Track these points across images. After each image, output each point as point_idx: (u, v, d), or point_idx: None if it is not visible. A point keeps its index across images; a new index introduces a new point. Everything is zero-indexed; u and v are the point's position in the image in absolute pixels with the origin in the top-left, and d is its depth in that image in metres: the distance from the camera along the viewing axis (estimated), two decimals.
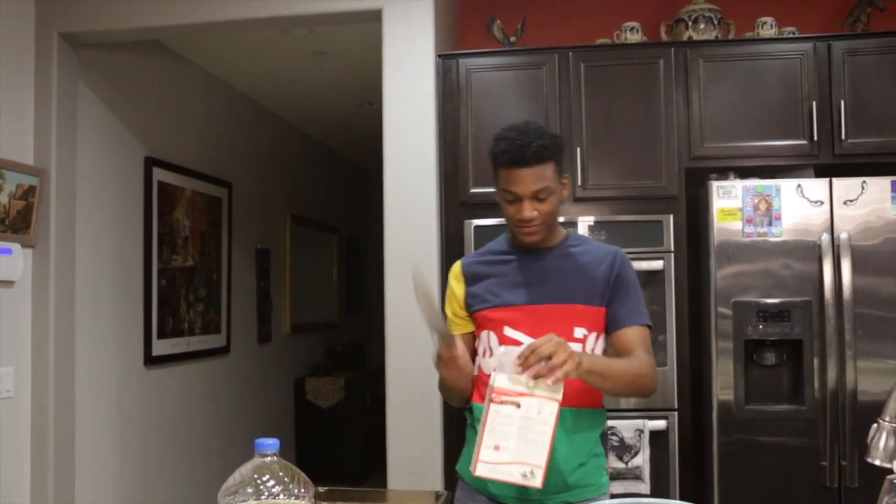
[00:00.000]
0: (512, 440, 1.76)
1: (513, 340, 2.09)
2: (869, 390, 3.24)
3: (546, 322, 2.08)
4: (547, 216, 2.09)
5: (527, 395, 1.78)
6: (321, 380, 6.94)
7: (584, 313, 2.11)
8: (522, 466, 1.76)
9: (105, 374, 4.18)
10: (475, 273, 2.22)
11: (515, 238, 2.18)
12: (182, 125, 4.99)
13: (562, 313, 2.10)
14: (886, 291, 3.27)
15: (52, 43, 3.76)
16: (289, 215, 6.75)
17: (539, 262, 2.16)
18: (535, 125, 2.08)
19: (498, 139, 2.08)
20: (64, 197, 3.83)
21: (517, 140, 2.02)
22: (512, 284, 2.15)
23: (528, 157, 2.01)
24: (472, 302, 2.20)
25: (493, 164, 2.11)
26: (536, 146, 2.01)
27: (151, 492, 4.57)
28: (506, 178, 2.06)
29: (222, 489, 1.38)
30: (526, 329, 2.09)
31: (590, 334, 2.11)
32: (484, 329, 2.17)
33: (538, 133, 2.04)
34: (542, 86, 3.62)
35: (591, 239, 2.29)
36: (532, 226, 2.08)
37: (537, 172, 2.03)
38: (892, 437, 1.49)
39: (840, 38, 3.53)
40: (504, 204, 2.11)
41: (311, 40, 4.68)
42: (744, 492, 3.29)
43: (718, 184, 3.39)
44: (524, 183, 2.03)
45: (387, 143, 3.60)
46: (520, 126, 2.07)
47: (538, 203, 2.06)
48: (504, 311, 2.13)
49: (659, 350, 3.50)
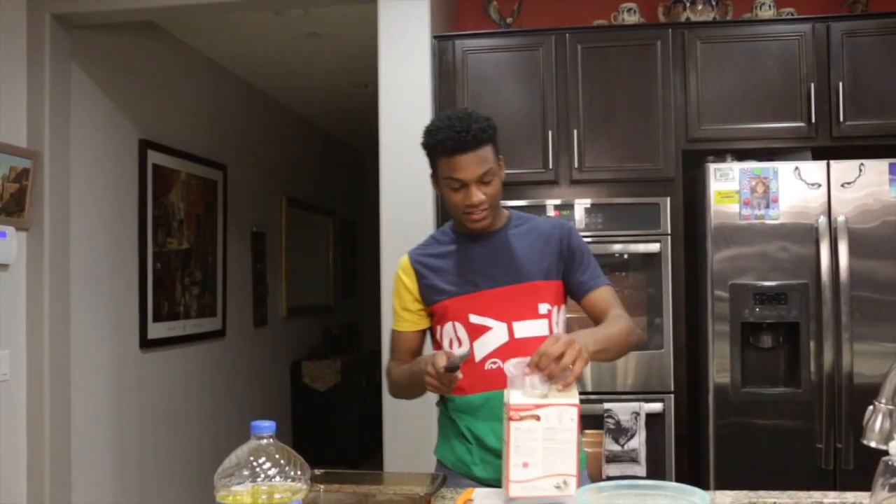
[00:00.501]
0: (539, 454, 1.73)
1: (481, 327, 2.11)
2: (865, 373, 3.25)
3: (510, 304, 2.11)
4: (493, 199, 2.09)
5: (544, 405, 1.74)
6: (317, 363, 6.94)
7: (545, 288, 2.14)
8: (554, 478, 1.74)
9: (101, 357, 4.18)
10: (426, 265, 2.20)
11: (462, 226, 2.17)
12: (177, 107, 4.96)
13: (524, 292, 2.12)
14: (883, 274, 3.27)
15: (45, 24, 3.74)
16: (284, 198, 6.73)
17: (489, 246, 2.16)
18: (464, 111, 2.07)
19: (433, 130, 2.06)
20: (58, 180, 3.81)
21: (455, 126, 2.01)
22: (467, 272, 2.15)
23: (470, 142, 2.01)
24: (428, 294, 2.19)
25: (432, 155, 2.10)
26: (476, 129, 2.01)
27: (148, 474, 4.57)
28: (449, 166, 2.04)
29: (218, 471, 1.37)
30: (492, 314, 2.11)
31: (553, 308, 2.14)
32: (447, 320, 2.16)
33: (472, 117, 2.04)
34: (539, 67, 3.60)
35: (533, 215, 2.29)
36: (481, 210, 2.07)
37: (480, 156, 2.03)
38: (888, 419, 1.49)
39: (839, 19, 3.51)
40: (449, 193, 2.09)
41: (305, 22, 4.65)
42: (739, 474, 3.29)
43: (716, 166, 3.38)
44: (469, 168, 2.03)
45: (382, 125, 3.58)
46: (451, 113, 2.06)
47: (484, 186, 2.06)
48: (465, 300, 2.13)
49: (655, 333, 3.50)
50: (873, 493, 1.35)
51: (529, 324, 2.10)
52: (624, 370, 3.51)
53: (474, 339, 2.11)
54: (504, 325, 2.10)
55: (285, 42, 5.06)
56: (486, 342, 2.10)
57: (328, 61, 5.48)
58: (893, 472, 1.33)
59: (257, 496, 1.33)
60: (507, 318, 2.10)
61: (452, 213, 2.17)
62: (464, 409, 2.15)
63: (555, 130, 3.57)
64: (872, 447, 1.49)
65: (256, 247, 6.12)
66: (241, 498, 1.34)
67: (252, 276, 6.04)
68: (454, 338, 2.15)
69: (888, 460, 1.35)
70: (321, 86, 6.17)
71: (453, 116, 2.04)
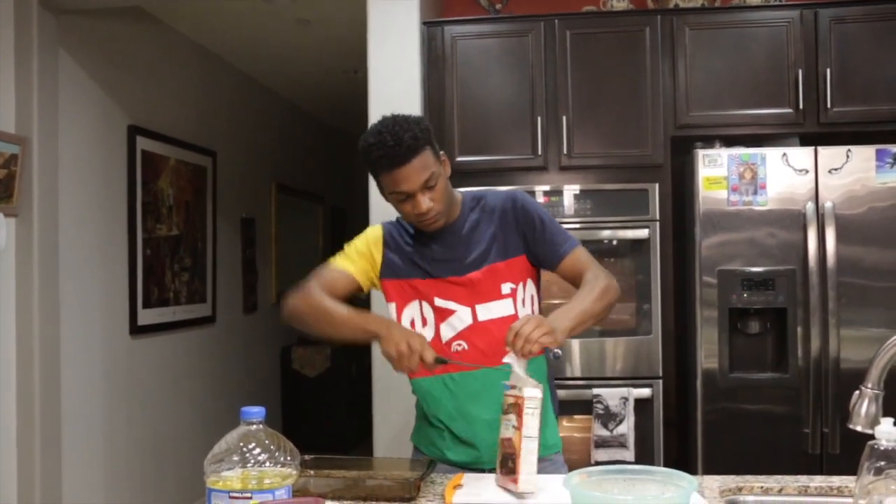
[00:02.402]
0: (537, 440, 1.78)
1: (446, 310, 2.10)
2: (852, 358, 3.27)
3: (472, 289, 2.10)
4: (441, 200, 2.05)
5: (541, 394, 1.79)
6: (307, 349, 6.94)
7: (505, 268, 2.11)
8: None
9: (91, 343, 4.17)
10: (397, 244, 2.19)
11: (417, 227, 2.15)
12: (166, 93, 4.94)
13: (484, 277, 2.10)
14: (870, 260, 3.29)
15: (32, 9, 3.71)
16: (274, 184, 6.72)
17: (446, 240, 2.13)
18: (396, 119, 2.03)
19: (368, 147, 2.02)
20: (46, 165, 3.79)
21: (388, 141, 1.97)
22: (431, 259, 2.13)
23: (405, 153, 1.97)
24: (390, 270, 2.17)
25: (373, 172, 2.07)
26: (409, 140, 1.97)
27: (138, 460, 4.57)
28: (391, 181, 2.01)
29: (208, 457, 1.38)
30: (456, 298, 2.10)
31: (517, 286, 2.12)
32: (413, 299, 2.14)
33: (403, 126, 1.99)
34: (528, 54, 3.60)
35: (486, 190, 2.25)
36: (432, 215, 2.05)
37: (418, 164, 1.99)
38: (874, 403, 1.51)
39: (827, 5, 3.52)
40: (397, 205, 2.07)
41: (295, 8, 4.63)
42: (727, 459, 3.32)
43: (704, 152, 3.39)
44: (410, 179, 1.99)
45: (372, 111, 3.58)
46: (381, 126, 2.01)
47: (430, 192, 2.02)
48: (430, 283, 2.12)
49: (643, 319, 3.51)
50: (859, 476, 1.36)
51: (492, 305, 2.10)
52: (613, 356, 3.52)
53: (440, 322, 2.11)
54: (468, 308, 2.09)
55: (275, 28, 5.04)
56: (452, 324, 2.10)
57: (318, 47, 5.46)
58: (879, 455, 1.35)
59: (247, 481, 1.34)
60: (470, 301, 2.09)
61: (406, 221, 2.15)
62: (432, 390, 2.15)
63: (544, 117, 3.57)
64: (859, 431, 1.51)
65: (246, 233, 6.11)
66: (232, 483, 1.34)
67: (242, 263, 6.03)
68: (419, 317, 2.14)
69: (874, 444, 1.36)
70: (311, 72, 6.14)
71: (383, 130, 1.99)
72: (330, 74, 6.16)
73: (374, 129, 2.03)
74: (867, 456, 1.36)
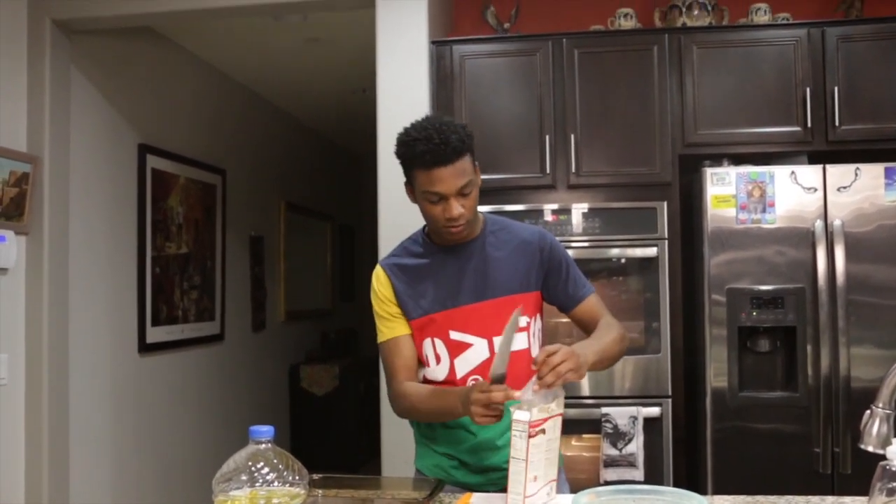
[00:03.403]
0: (542, 465, 1.75)
1: (461, 343, 2.06)
2: (862, 377, 3.25)
3: (490, 318, 2.05)
4: (472, 210, 2.03)
5: (548, 418, 1.75)
6: (316, 367, 6.94)
7: (524, 300, 2.07)
8: (549, 485, 1.78)
9: (99, 361, 4.18)
10: (402, 280, 2.12)
11: (438, 236, 2.10)
12: (176, 112, 4.97)
13: (502, 306, 2.05)
14: (880, 278, 3.28)
15: (45, 29, 3.75)
16: (283, 202, 6.74)
17: (465, 257, 2.10)
18: (441, 119, 1.99)
19: (410, 141, 1.98)
20: (57, 184, 3.81)
21: (434, 139, 1.93)
22: (444, 286, 2.08)
23: (450, 154, 1.93)
24: (406, 309, 2.11)
25: (409, 167, 2.02)
26: (455, 142, 1.94)
27: (146, 478, 4.57)
28: (427, 179, 1.96)
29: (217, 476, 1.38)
30: (472, 330, 2.06)
31: (531, 320, 2.11)
32: (426, 336, 2.09)
33: (450, 127, 1.96)
34: (536, 72, 3.61)
35: (512, 221, 2.22)
36: (461, 222, 2.01)
37: (459, 168, 1.95)
38: (885, 423, 1.50)
39: (834, 24, 3.53)
40: (426, 206, 2.02)
41: (304, 27, 4.66)
42: (737, 478, 3.30)
43: (712, 170, 3.39)
44: (448, 181, 1.95)
45: (381, 130, 3.59)
46: (427, 124, 1.98)
47: (463, 199, 1.99)
48: (444, 316, 2.07)
49: (652, 337, 3.50)
50: (871, 497, 1.36)
51: None
52: (622, 374, 3.51)
53: (454, 357, 2.06)
54: (485, 340, 2.05)
55: (284, 47, 5.07)
56: (467, 359, 2.05)
57: (327, 66, 5.48)
58: (891, 476, 1.34)
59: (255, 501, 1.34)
60: (487, 333, 2.05)
61: (430, 225, 2.10)
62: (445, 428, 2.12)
63: (552, 135, 3.58)
64: (870, 451, 1.50)
65: (255, 251, 6.13)
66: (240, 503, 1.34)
67: (250, 281, 6.05)
68: (432, 355, 2.08)
69: (886, 465, 1.35)
70: (320, 91, 6.17)
71: (430, 127, 1.96)
72: (339, 93, 6.19)
73: (419, 125, 2.00)
74: (879, 477, 1.35)
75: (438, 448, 2.13)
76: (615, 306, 2.22)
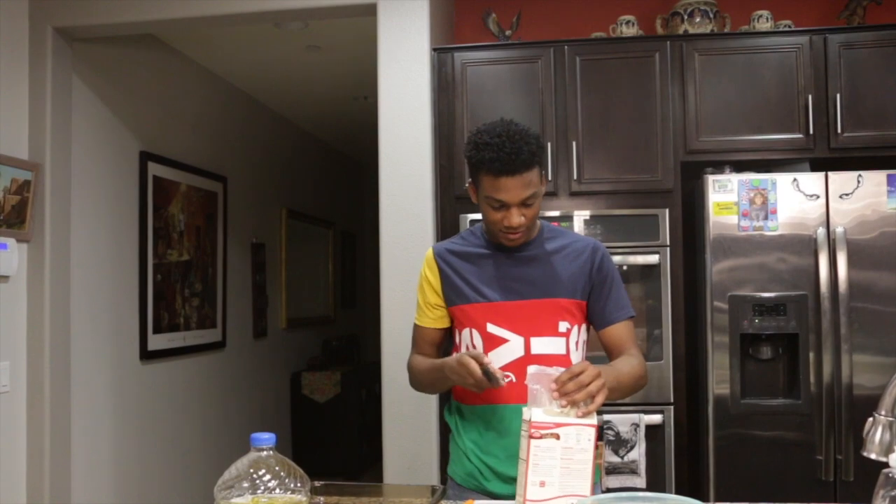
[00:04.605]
0: (556, 473, 1.73)
1: (497, 338, 2.07)
2: (864, 384, 3.25)
3: (530, 318, 2.07)
4: (532, 220, 2.05)
5: (564, 424, 1.73)
6: (317, 374, 6.94)
7: (568, 307, 2.10)
8: (569, 499, 1.75)
9: (101, 368, 4.18)
10: (450, 263, 2.16)
11: (494, 238, 2.12)
12: (177, 120, 4.98)
13: (545, 308, 2.08)
14: (882, 285, 3.28)
15: (47, 37, 3.75)
16: (284, 209, 6.74)
17: (517, 257, 2.12)
18: (516, 127, 1.99)
19: (481, 145, 1.97)
20: (59, 192, 3.81)
21: (505, 148, 1.93)
22: (491, 280, 2.11)
23: (519, 166, 1.94)
24: (449, 294, 2.15)
25: (475, 170, 2.02)
26: (526, 153, 1.94)
27: (147, 486, 4.56)
28: (492, 186, 1.97)
29: (218, 483, 1.38)
30: (510, 326, 2.07)
31: (573, 327, 2.11)
32: (465, 326, 2.12)
33: (524, 137, 1.96)
34: (538, 80, 3.61)
35: (567, 230, 2.25)
36: (520, 232, 2.04)
37: (526, 179, 1.96)
38: (888, 430, 1.49)
39: (836, 31, 3.53)
40: (488, 210, 2.03)
41: (305, 34, 4.67)
42: (739, 486, 3.29)
43: (714, 178, 3.39)
44: (514, 191, 1.96)
45: (382, 137, 3.59)
46: (502, 130, 1.97)
47: (526, 209, 2.00)
48: (485, 308, 2.09)
49: (654, 344, 3.50)
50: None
51: (547, 340, 2.07)
52: None
53: (489, 350, 2.07)
54: (521, 339, 2.07)
55: (285, 54, 5.07)
56: (501, 354, 2.07)
57: (328, 73, 5.49)
58: (894, 484, 1.33)
59: None
60: (525, 332, 2.07)
61: (488, 227, 2.11)
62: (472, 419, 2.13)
63: (554, 142, 3.58)
64: (873, 459, 1.49)
65: (256, 258, 6.13)
66: None
67: (252, 288, 6.04)
68: (469, 345, 2.11)
69: (888, 472, 1.35)
70: (321, 98, 6.18)
71: (503, 134, 1.95)
72: (340, 100, 6.19)
73: (492, 129, 1.99)
74: (882, 484, 1.35)
75: (471, 454, 2.14)
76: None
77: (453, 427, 2.21)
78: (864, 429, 1.53)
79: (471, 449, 2.14)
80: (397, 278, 3.50)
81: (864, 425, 1.52)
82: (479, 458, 2.12)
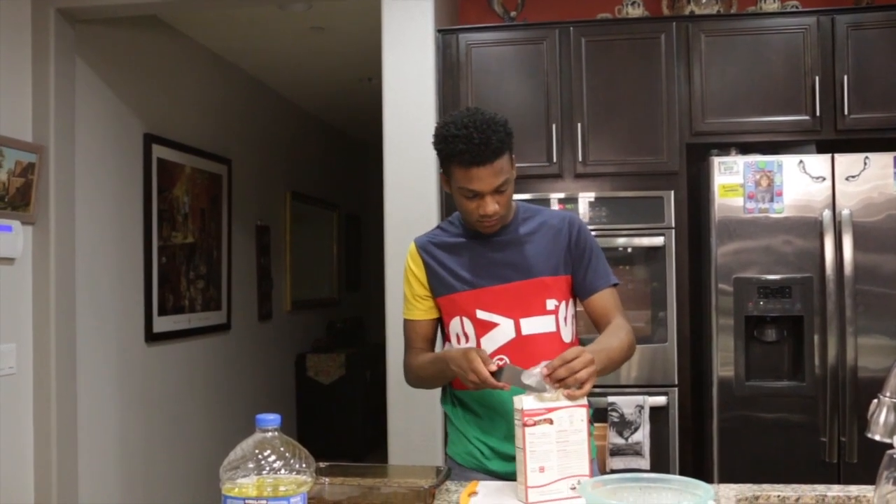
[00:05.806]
0: (553, 457, 1.76)
1: (488, 323, 2.09)
2: (869, 366, 3.25)
3: (518, 300, 2.09)
4: (506, 206, 2.06)
5: (555, 408, 1.77)
6: (322, 356, 6.95)
7: (553, 284, 2.11)
8: (569, 480, 1.77)
9: (106, 350, 4.19)
10: (433, 255, 2.18)
11: (472, 225, 2.12)
12: (181, 102, 4.97)
13: (531, 288, 2.09)
14: (888, 268, 3.27)
15: (49, 19, 3.73)
16: (289, 192, 6.74)
17: (497, 242, 2.13)
18: (483, 116, 1.98)
19: (449, 137, 1.97)
20: (63, 174, 3.81)
21: (474, 139, 1.93)
22: (475, 267, 2.12)
23: (489, 155, 1.95)
24: (435, 286, 2.17)
25: (446, 162, 2.03)
26: (495, 142, 1.95)
27: (153, 467, 4.59)
28: (464, 176, 1.98)
29: (224, 464, 1.38)
30: (499, 310, 2.09)
31: (560, 303, 2.12)
32: (454, 315, 2.14)
33: (491, 126, 1.96)
34: (543, 61, 3.60)
35: (542, 207, 2.26)
36: (495, 219, 2.05)
37: (497, 167, 1.98)
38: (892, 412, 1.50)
39: (844, 11, 3.50)
40: (462, 200, 2.04)
41: (309, 16, 4.65)
42: (743, 467, 3.30)
43: (720, 160, 3.38)
44: (486, 180, 1.97)
45: (387, 119, 3.59)
46: (469, 121, 1.96)
47: (499, 196, 2.01)
48: (472, 295, 2.11)
49: (659, 326, 3.50)
50: (878, 486, 1.35)
51: (537, 320, 2.09)
52: (628, 363, 3.49)
53: (481, 336, 2.09)
54: (511, 321, 2.08)
55: (289, 36, 5.06)
56: (494, 338, 2.09)
57: (332, 55, 5.47)
58: None
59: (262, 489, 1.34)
60: (514, 314, 2.08)
61: (463, 215, 2.12)
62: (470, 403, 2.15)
63: (559, 124, 3.57)
64: (877, 440, 1.49)
65: (261, 241, 6.13)
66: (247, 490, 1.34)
67: (257, 270, 6.05)
68: (461, 333, 2.13)
69: (893, 454, 1.35)
70: (325, 80, 6.16)
71: (471, 125, 1.95)
72: (344, 82, 6.18)
73: (459, 120, 1.99)
74: (886, 465, 1.35)
75: (471, 436, 2.15)
76: (622, 295, 2.21)
77: (450, 412, 2.22)
78: (868, 411, 1.53)
79: (470, 430, 2.15)
80: (402, 260, 3.48)
81: (869, 407, 1.53)
82: (479, 439, 2.13)
